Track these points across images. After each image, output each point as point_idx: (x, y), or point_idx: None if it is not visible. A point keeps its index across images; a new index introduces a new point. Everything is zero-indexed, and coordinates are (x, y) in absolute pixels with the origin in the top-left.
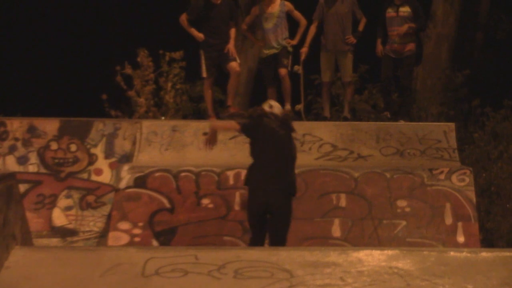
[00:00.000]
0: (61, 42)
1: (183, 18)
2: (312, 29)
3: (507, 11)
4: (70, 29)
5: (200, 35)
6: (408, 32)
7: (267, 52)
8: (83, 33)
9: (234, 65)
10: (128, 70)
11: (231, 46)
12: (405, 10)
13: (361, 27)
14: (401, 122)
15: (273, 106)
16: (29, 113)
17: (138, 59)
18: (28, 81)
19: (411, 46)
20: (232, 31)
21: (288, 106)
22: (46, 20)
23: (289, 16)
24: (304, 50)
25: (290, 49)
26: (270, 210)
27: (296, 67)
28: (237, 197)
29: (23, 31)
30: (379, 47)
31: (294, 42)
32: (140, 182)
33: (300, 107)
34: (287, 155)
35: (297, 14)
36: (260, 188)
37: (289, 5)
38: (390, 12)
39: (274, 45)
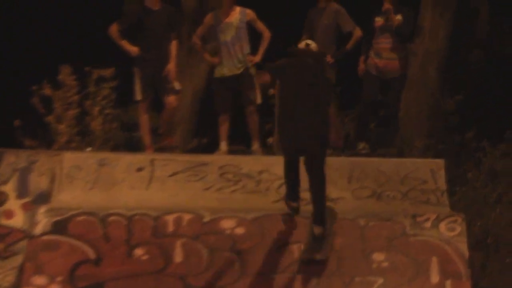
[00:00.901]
0: None
1: (113, 28)
2: None
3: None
4: None
5: (133, 49)
6: (396, 45)
7: (224, 72)
8: None
9: (171, 99)
10: (47, 91)
11: (171, 67)
12: (396, 18)
13: (350, 44)
14: (379, 158)
15: (309, 45)
16: None
17: (60, 78)
18: None
19: (400, 64)
20: (173, 45)
21: (256, 146)
22: None
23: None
24: None
25: (253, 70)
26: (303, 154)
27: (271, 91)
28: (178, 247)
29: None
30: (362, 65)
31: (257, 59)
32: (59, 227)
33: (272, 140)
34: (317, 96)
35: (260, 25)
36: (290, 134)
37: (251, 14)
38: (379, 21)
39: (234, 62)
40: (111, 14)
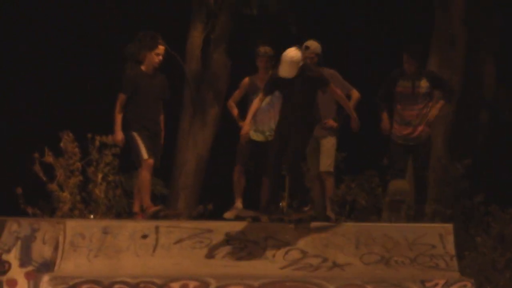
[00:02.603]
0: None
1: (121, 99)
2: None
3: None
4: None
5: (118, 138)
6: (425, 111)
7: (252, 136)
8: None
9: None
10: (49, 158)
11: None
12: (423, 85)
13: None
14: (386, 223)
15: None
16: None
17: (61, 145)
18: None
19: (427, 128)
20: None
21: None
22: None
23: None
24: None
25: None
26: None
27: None
28: None
29: None
30: (386, 123)
31: None
32: None
33: (283, 203)
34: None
35: None
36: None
37: None
38: (404, 87)
39: (264, 129)
40: (110, 80)
